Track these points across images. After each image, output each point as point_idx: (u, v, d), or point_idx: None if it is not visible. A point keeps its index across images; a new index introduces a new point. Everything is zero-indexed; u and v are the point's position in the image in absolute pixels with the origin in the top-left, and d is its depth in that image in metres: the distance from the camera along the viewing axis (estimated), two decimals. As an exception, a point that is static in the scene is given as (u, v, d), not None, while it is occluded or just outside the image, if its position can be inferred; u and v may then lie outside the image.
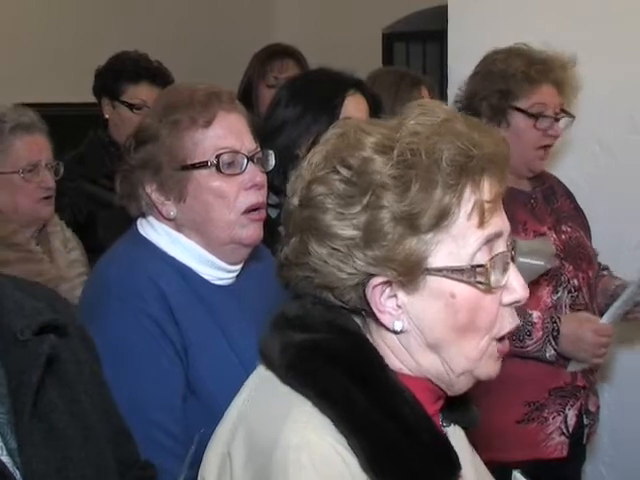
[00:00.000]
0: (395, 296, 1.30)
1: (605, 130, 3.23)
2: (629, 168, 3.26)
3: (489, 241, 1.31)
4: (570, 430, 2.74)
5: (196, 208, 1.99)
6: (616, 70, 3.01)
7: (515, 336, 2.64)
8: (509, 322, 1.35)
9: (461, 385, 1.36)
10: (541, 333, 2.65)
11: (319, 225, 1.30)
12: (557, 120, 2.79)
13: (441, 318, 1.30)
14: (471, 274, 1.28)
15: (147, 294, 1.93)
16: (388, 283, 1.29)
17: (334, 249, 1.29)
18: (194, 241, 2.02)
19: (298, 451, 1.24)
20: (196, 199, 1.99)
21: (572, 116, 2.84)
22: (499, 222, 1.33)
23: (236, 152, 2.00)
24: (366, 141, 1.31)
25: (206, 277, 2.03)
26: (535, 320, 2.66)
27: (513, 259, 1.32)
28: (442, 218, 1.27)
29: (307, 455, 1.24)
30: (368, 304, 1.31)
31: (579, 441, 2.80)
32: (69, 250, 2.97)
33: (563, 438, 2.73)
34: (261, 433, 1.30)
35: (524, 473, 1.53)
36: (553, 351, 2.67)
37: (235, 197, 1.99)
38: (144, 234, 2.05)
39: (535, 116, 2.74)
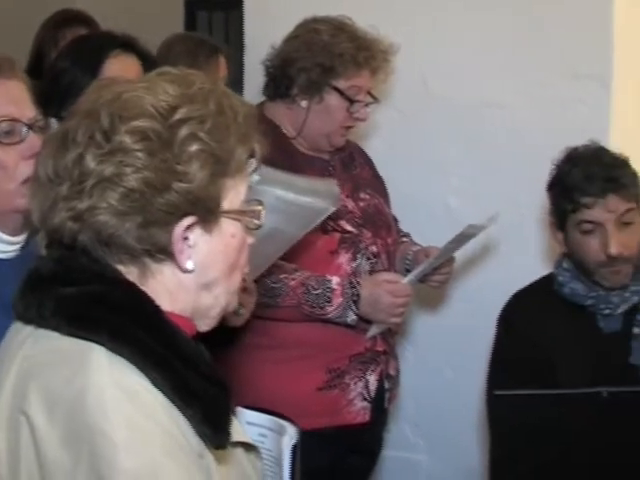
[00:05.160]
0: (188, 238, 1.36)
1: (400, 95, 3.28)
2: (425, 132, 3.33)
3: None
4: (372, 395, 2.78)
5: None
6: (408, 35, 3.06)
7: (315, 303, 2.66)
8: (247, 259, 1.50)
9: (216, 320, 1.47)
10: (341, 299, 2.67)
11: (124, 172, 1.32)
12: (366, 105, 2.79)
13: (221, 257, 1.41)
14: (248, 216, 1.43)
15: None
16: (193, 224, 1.36)
17: (143, 193, 1.33)
18: None
19: (112, 388, 1.29)
20: None
21: (378, 100, 2.85)
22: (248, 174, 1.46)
23: (15, 120, 1.91)
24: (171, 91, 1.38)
25: None
26: (334, 287, 2.67)
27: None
28: (239, 167, 1.40)
29: (121, 391, 1.29)
30: (168, 246, 1.36)
31: (381, 405, 2.84)
32: None
33: (365, 403, 2.77)
34: (60, 385, 1.31)
35: (250, 407, 1.65)
36: (354, 315, 2.69)
37: (14, 167, 1.91)
38: None
39: (350, 100, 2.73)
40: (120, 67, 2.40)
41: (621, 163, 2.54)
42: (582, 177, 2.49)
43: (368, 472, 3.01)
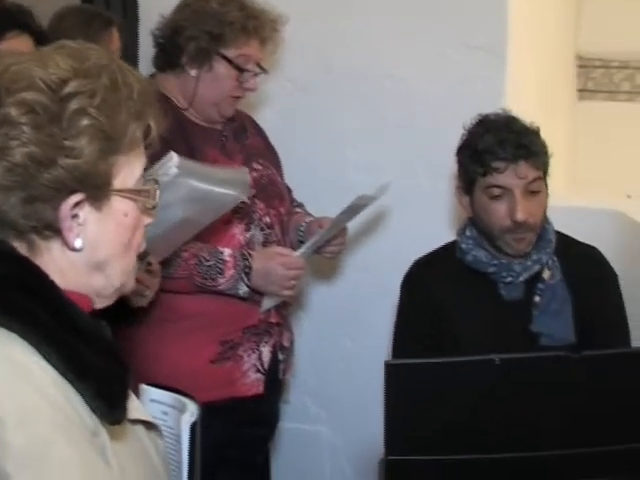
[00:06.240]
0: (77, 215, 1.34)
1: (293, 66, 3.27)
2: (320, 103, 3.33)
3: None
4: (265, 367, 2.78)
5: None
6: (303, 5, 3.05)
7: (207, 275, 2.64)
8: (143, 240, 1.48)
9: (111, 299, 1.45)
10: (233, 271, 2.66)
11: (9, 145, 1.30)
12: (256, 75, 2.78)
13: (112, 237, 1.39)
14: (142, 196, 1.41)
15: None
16: (81, 201, 1.34)
17: (27, 167, 1.30)
18: None
19: (1, 365, 1.28)
20: None
21: (266, 71, 2.84)
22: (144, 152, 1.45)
23: None
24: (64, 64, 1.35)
25: None
26: (227, 258, 2.66)
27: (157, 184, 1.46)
28: (132, 144, 1.37)
29: (10, 367, 1.28)
30: (55, 222, 1.34)
31: (275, 377, 2.84)
32: None
33: (259, 375, 2.77)
34: None
35: (153, 384, 1.64)
36: (246, 288, 2.68)
37: None
38: None
39: (240, 69, 2.72)
40: (17, 47, 2.39)
41: (532, 132, 2.57)
42: (495, 142, 2.50)
43: (266, 443, 3.02)
